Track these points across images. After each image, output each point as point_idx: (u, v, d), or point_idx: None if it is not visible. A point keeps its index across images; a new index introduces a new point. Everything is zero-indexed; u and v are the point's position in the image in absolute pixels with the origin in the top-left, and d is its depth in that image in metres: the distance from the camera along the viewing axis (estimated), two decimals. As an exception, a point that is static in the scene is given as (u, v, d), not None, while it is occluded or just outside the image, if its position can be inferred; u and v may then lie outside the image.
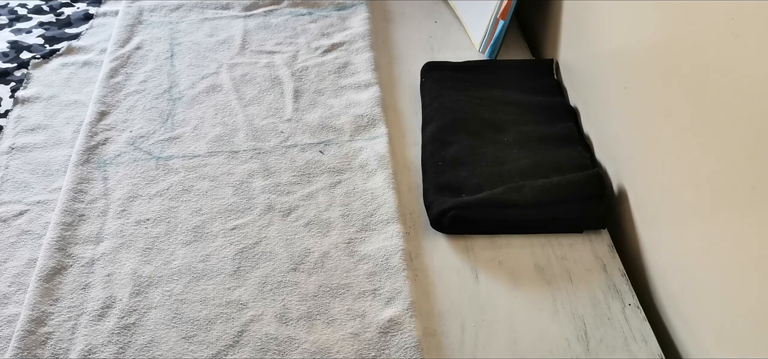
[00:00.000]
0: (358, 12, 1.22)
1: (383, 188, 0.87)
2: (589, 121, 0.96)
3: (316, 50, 1.13)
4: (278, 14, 1.22)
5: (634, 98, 0.80)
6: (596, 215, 0.83)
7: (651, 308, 0.78)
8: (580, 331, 0.73)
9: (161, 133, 0.96)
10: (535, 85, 1.03)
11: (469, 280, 0.78)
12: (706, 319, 0.67)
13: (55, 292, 0.75)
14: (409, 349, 0.69)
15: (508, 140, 0.92)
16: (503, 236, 0.83)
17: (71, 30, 1.21)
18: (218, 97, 1.03)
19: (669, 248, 0.74)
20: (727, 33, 0.61)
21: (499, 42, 1.11)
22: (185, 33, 1.17)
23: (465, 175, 0.87)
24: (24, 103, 1.03)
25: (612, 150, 0.88)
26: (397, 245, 0.80)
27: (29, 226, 0.84)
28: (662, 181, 0.74)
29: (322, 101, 1.02)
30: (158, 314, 0.73)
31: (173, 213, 0.85)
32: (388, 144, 0.94)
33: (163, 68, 1.08)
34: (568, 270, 0.79)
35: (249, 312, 0.74)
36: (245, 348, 0.70)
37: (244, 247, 0.81)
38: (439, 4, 1.27)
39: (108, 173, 0.90)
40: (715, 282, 0.65)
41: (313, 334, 0.71)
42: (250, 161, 0.92)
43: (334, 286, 0.76)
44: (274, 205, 0.86)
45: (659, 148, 0.74)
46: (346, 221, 0.84)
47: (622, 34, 0.84)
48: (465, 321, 0.74)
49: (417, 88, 1.06)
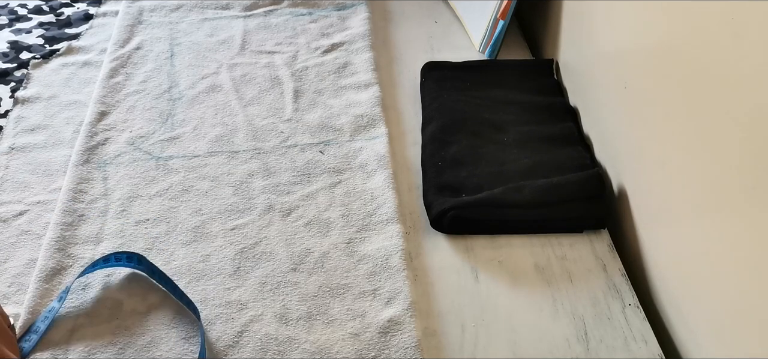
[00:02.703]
0: (358, 12, 1.22)
1: (383, 188, 0.87)
2: (589, 121, 0.96)
3: (316, 50, 1.13)
4: (278, 14, 1.22)
5: (634, 98, 0.80)
6: (596, 215, 0.83)
7: (651, 308, 0.78)
8: (580, 331, 0.73)
9: (161, 133, 0.96)
10: (535, 85, 1.03)
11: (469, 280, 0.78)
12: (706, 319, 0.67)
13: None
14: (409, 349, 0.69)
15: (508, 140, 0.92)
16: (503, 236, 0.83)
17: (71, 30, 1.21)
18: (218, 97, 1.03)
19: (669, 248, 0.74)
20: (727, 33, 0.61)
21: (499, 42, 1.11)
22: (185, 33, 1.17)
23: (465, 175, 0.87)
24: (24, 103, 1.03)
25: (612, 150, 0.88)
26: (397, 245, 0.80)
27: (29, 226, 0.84)
28: (662, 181, 0.74)
29: (322, 101, 1.02)
30: (158, 314, 0.73)
31: (173, 213, 0.85)
32: (388, 144, 0.94)
33: (163, 68, 1.08)
34: (568, 269, 0.79)
35: (249, 312, 0.74)
36: (245, 348, 0.70)
37: (244, 247, 0.81)
38: (439, 4, 1.27)
39: (108, 173, 0.90)
40: (715, 282, 0.65)
41: (313, 334, 0.71)
42: (250, 161, 0.92)
43: (334, 286, 0.76)
44: (274, 205, 0.86)
45: (659, 148, 0.74)
46: (346, 221, 0.84)
47: (622, 34, 0.84)
48: (465, 321, 0.74)
49: (417, 88, 1.06)
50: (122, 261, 0.76)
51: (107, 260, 0.76)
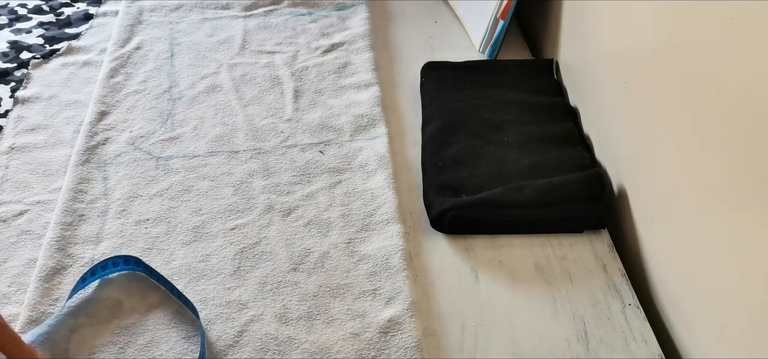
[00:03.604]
0: (358, 12, 1.22)
1: (383, 188, 0.87)
2: (589, 121, 0.96)
3: (316, 50, 1.13)
4: (278, 14, 1.22)
5: (634, 98, 0.80)
6: (596, 215, 0.83)
7: (651, 308, 0.78)
8: (580, 331, 0.73)
9: (161, 133, 0.96)
10: (535, 85, 1.03)
11: (469, 280, 0.78)
12: (706, 319, 0.67)
13: (55, 292, 0.75)
14: (409, 349, 0.69)
15: (508, 140, 0.92)
16: (503, 236, 0.83)
17: (71, 30, 1.21)
18: (218, 97, 1.03)
19: (669, 248, 0.74)
20: (727, 34, 0.61)
21: (499, 42, 1.11)
22: (185, 33, 1.17)
23: (465, 175, 0.87)
24: (24, 103, 1.03)
25: (612, 150, 0.88)
26: (397, 245, 0.80)
27: (29, 226, 0.84)
28: (662, 181, 0.74)
29: (322, 101, 1.02)
30: (158, 314, 0.73)
31: (173, 213, 0.85)
32: (388, 144, 0.94)
33: (163, 68, 1.08)
34: (568, 270, 0.79)
35: (249, 312, 0.74)
36: (245, 348, 0.70)
37: (244, 247, 0.81)
38: (439, 4, 1.27)
39: (108, 173, 0.90)
40: (715, 282, 0.65)
41: (313, 334, 0.71)
42: (250, 161, 0.92)
43: (334, 286, 0.76)
44: (274, 205, 0.86)
45: (659, 148, 0.74)
46: (346, 221, 0.84)
47: (622, 34, 0.84)
48: (465, 321, 0.74)
49: (417, 88, 1.06)
50: (120, 266, 0.76)
51: (105, 267, 0.76)
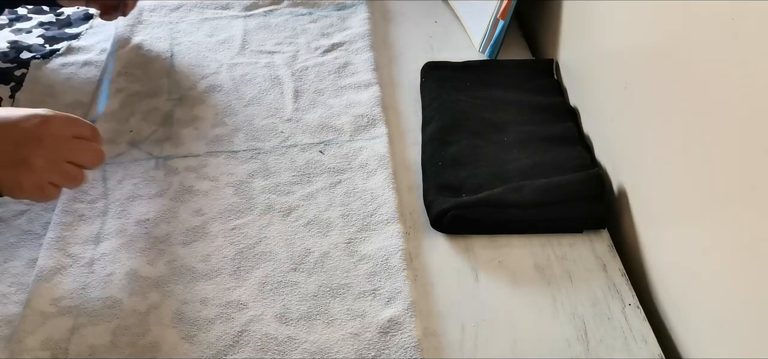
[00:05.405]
0: (358, 12, 1.22)
1: (383, 188, 0.87)
2: (589, 121, 0.96)
3: (316, 50, 1.13)
4: (278, 14, 1.22)
5: (634, 98, 0.80)
6: (596, 215, 0.83)
7: (651, 308, 0.78)
8: (580, 331, 0.73)
9: (161, 133, 0.96)
10: (535, 85, 1.03)
11: (469, 280, 0.78)
12: (706, 319, 0.67)
13: (55, 292, 0.75)
14: (409, 349, 0.69)
15: (508, 140, 0.92)
16: (503, 236, 0.83)
17: (71, 30, 1.21)
18: (218, 97, 1.03)
19: (669, 248, 0.74)
20: (727, 33, 0.61)
21: (499, 42, 1.11)
22: (185, 33, 1.17)
23: (465, 175, 0.87)
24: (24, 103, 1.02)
25: (612, 150, 0.88)
26: (397, 245, 0.80)
27: (29, 226, 0.84)
28: (662, 181, 0.74)
29: (322, 101, 1.02)
30: (158, 314, 0.73)
31: (173, 213, 0.85)
32: (388, 144, 0.94)
33: (163, 68, 1.08)
34: (568, 270, 0.79)
35: (249, 312, 0.74)
36: (245, 348, 0.70)
37: (244, 247, 0.81)
38: (439, 4, 1.27)
39: (108, 173, 0.90)
40: (715, 282, 0.65)
41: (313, 334, 0.71)
42: (249, 161, 0.92)
43: (334, 286, 0.76)
44: (273, 205, 0.86)
45: (659, 148, 0.74)
46: (346, 221, 0.84)
47: (622, 34, 0.84)
48: (465, 321, 0.74)
49: (417, 88, 1.06)
50: None
51: None
